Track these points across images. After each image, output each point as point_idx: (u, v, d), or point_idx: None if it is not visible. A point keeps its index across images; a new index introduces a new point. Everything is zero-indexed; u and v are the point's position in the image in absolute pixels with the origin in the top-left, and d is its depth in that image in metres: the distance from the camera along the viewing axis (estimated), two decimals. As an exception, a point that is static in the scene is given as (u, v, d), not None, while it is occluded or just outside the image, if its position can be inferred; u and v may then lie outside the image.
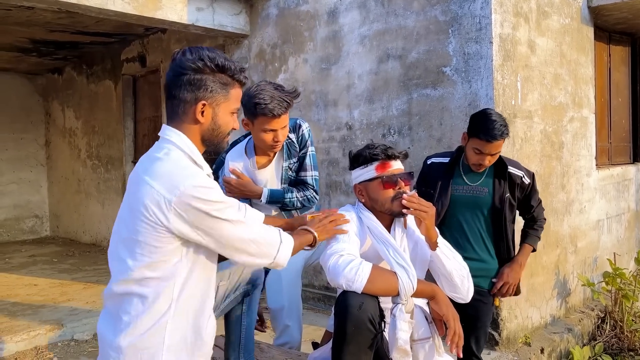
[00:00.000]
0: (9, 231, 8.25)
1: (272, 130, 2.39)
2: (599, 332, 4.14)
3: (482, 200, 2.64)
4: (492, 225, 2.67)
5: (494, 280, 2.66)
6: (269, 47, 4.65)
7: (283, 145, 2.55)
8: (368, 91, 3.96)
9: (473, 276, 2.13)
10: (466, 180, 2.67)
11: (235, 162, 2.58)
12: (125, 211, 1.61)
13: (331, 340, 1.82)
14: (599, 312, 4.26)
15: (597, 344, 3.88)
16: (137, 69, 6.55)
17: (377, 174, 1.99)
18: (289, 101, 2.36)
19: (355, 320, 1.72)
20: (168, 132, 1.65)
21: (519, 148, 3.45)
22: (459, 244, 2.60)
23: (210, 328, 1.70)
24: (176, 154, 1.60)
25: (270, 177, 2.61)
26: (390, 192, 1.98)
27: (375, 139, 3.82)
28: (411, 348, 1.86)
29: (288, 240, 1.76)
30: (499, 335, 3.32)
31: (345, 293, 1.78)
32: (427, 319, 1.98)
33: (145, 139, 6.68)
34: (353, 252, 1.87)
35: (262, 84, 2.39)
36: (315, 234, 1.90)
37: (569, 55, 4.05)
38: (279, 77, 4.54)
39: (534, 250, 2.77)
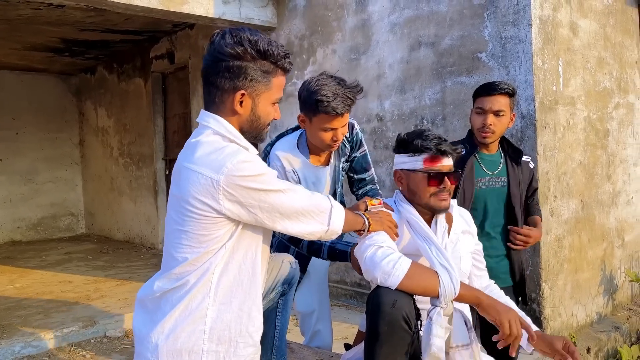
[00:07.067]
0: (46, 229, 8.43)
1: (333, 129, 2.22)
2: (648, 330, 3.91)
3: (502, 190, 2.47)
4: (505, 216, 2.48)
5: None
6: (296, 39, 4.55)
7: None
8: (399, 81, 3.82)
9: (492, 277, 2.08)
10: (486, 170, 2.47)
11: (289, 155, 2.37)
12: (170, 206, 1.56)
13: (364, 341, 1.70)
14: (649, 310, 4.03)
15: (647, 343, 3.66)
16: (166, 66, 6.56)
17: (424, 167, 1.85)
18: (352, 98, 2.19)
19: (388, 319, 1.59)
20: (206, 118, 1.58)
21: (561, 136, 3.26)
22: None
23: (258, 320, 1.60)
24: (215, 137, 1.54)
25: (328, 177, 2.45)
26: (433, 189, 1.85)
27: (407, 130, 3.67)
28: (447, 354, 1.71)
29: (338, 205, 1.67)
30: (542, 334, 3.14)
31: (377, 289, 1.65)
32: (466, 325, 1.82)
33: (175, 136, 6.68)
34: (392, 246, 1.75)
35: (323, 78, 2.20)
36: (367, 220, 1.76)
37: (613, 37, 3.81)
38: (307, 70, 4.44)
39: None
